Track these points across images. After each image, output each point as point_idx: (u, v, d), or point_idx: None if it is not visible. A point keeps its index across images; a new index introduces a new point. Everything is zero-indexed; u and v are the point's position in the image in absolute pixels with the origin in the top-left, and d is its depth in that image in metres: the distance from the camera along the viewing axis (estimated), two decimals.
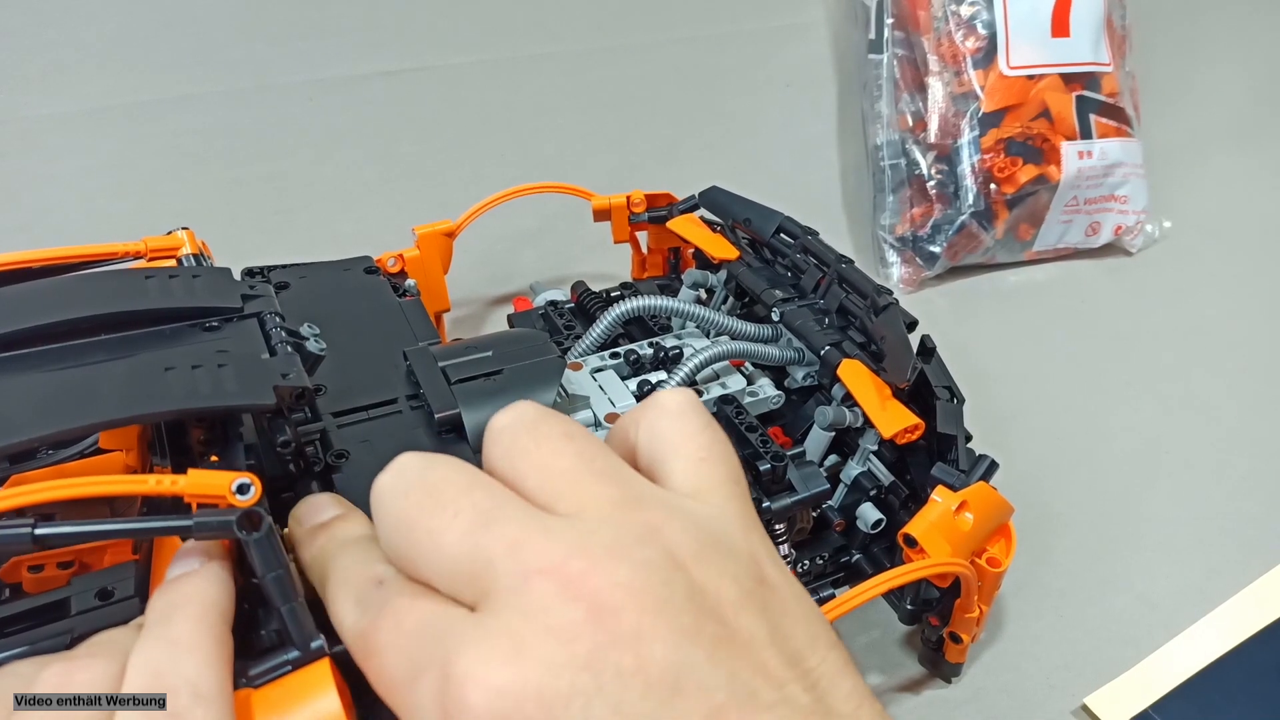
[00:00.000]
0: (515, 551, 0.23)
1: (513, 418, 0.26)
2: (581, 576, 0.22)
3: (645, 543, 0.23)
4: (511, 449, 0.26)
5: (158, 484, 0.25)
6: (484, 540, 0.23)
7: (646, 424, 0.28)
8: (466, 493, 0.24)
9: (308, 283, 0.47)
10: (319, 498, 0.30)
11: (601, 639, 0.21)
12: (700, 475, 0.27)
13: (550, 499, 0.25)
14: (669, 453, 0.27)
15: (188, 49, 0.83)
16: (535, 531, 0.23)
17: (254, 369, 0.31)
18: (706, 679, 0.22)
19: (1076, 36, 0.74)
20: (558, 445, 0.26)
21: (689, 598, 0.23)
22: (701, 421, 0.28)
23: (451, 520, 0.23)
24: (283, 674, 0.25)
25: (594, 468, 0.25)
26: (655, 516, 0.24)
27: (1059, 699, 0.46)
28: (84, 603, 0.30)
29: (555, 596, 0.22)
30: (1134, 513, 0.56)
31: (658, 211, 0.59)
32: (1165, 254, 0.79)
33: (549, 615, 0.22)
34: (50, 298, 0.33)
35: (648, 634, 0.22)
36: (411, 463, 0.25)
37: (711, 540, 0.24)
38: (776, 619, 0.24)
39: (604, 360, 0.47)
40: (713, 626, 0.22)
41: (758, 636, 0.23)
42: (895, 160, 0.75)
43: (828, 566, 0.45)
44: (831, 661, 0.24)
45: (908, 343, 0.43)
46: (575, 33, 0.93)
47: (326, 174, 0.78)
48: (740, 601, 0.23)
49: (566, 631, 0.21)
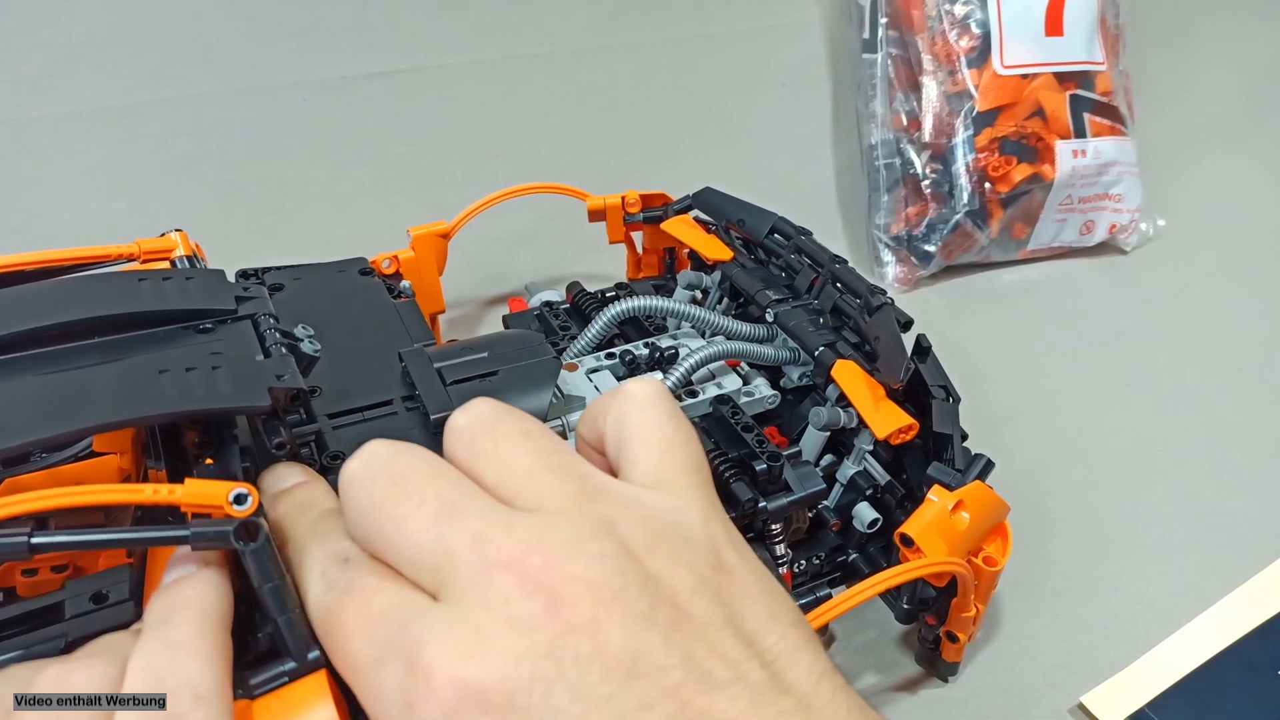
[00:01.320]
0: (478, 545, 0.23)
1: (470, 417, 0.27)
2: (540, 570, 0.23)
3: (600, 536, 0.24)
4: (471, 448, 0.27)
5: (154, 494, 0.25)
6: (447, 531, 0.24)
7: (614, 413, 0.29)
8: (431, 482, 0.25)
9: (302, 284, 0.47)
10: (283, 466, 0.31)
11: (560, 628, 0.22)
12: (663, 465, 0.28)
13: (510, 494, 0.25)
14: (633, 442, 0.28)
15: (181, 50, 0.83)
16: (497, 525, 0.24)
17: (248, 371, 0.31)
18: (662, 661, 0.22)
19: (1070, 35, 0.74)
20: (516, 443, 0.26)
21: (643, 586, 0.23)
22: (666, 412, 0.29)
23: (416, 509, 0.24)
24: (280, 685, 0.25)
25: (551, 464, 0.26)
26: (611, 510, 0.25)
27: (1056, 698, 0.46)
28: (78, 606, 0.29)
29: (516, 589, 0.23)
30: (1130, 511, 0.56)
31: (653, 212, 0.59)
32: (1160, 252, 0.79)
33: (510, 607, 0.22)
34: (43, 301, 0.33)
35: (604, 622, 0.22)
36: (379, 450, 0.26)
37: (667, 530, 0.25)
38: (734, 602, 0.25)
39: (600, 361, 0.47)
40: (667, 612, 0.23)
41: (713, 620, 0.24)
42: (890, 159, 0.75)
43: (824, 566, 0.45)
44: (791, 639, 0.25)
45: (901, 343, 0.43)
46: (570, 33, 0.93)
47: (321, 175, 0.78)
48: (695, 587, 0.24)
49: (527, 622, 0.22)
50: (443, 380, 0.38)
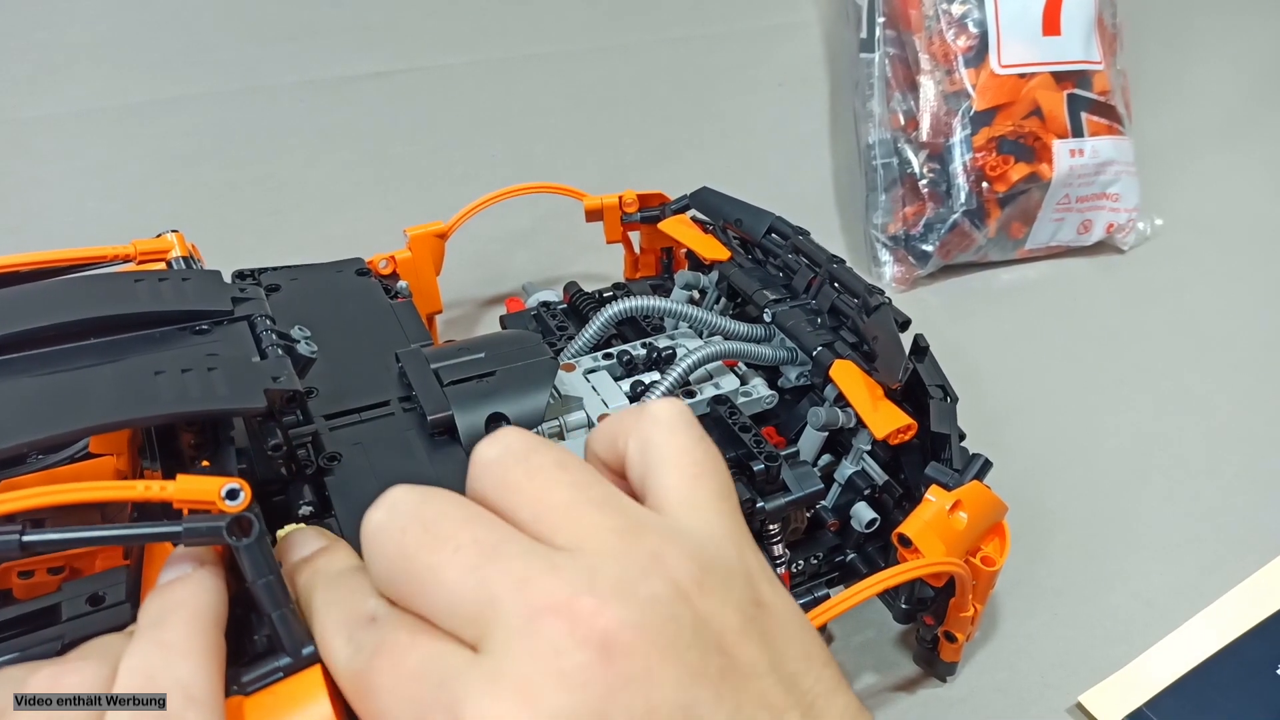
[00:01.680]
0: (522, 589, 0.22)
1: (501, 449, 0.26)
2: (591, 616, 0.22)
3: (650, 575, 0.23)
4: (504, 482, 0.25)
5: (146, 489, 0.25)
6: (488, 575, 0.22)
7: (638, 435, 0.27)
8: (466, 527, 0.24)
9: (299, 285, 0.47)
10: (302, 531, 0.29)
11: (612, 682, 0.21)
12: (695, 492, 0.26)
13: (548, 532, 0.24)
14: (662, 467, 0.27)
15: (177, 50, 0.83)
16: (541, 568, 0.22)
17: (245, 372, 0.31)
18: (712, 716, 0.22)
19: (1067, 35, 0.74)
20: (551, 476, 0.25)
21: (695, 632, 0.22)
22: (695, 435, 0.27)
23: (453, 555, 0.23)
24: (274, 681, 0.25)
25: (590, 497, 0.25)
26: (657, 544, 0.24)
27: (1054, 697, 0.46)
28: (75, 608, 0.29)
29: (565, 637, 0.21)
30: (1127, 510, 0.56)
31: (650, 212, 0.59)
32: (1157, 251, 0.79)
33: (559, 658, 0.21)
34: (39, 302, 0.33)
35: (657, 675, 0.21)
36: (405, 496, 0.25)
37: (711, 565, 0.24)
38: (774, 643, 0.24)
39: (597, 361, 0.47)
40: (717, 660, 0.22)
41: (759, 665, 0.23)
42: (887, 159, 0.75)
43: (822, 566, 0.45)
44: (826, 680, 0.24)
45: (899, 343, 0.43)
46: (567, 33, 0.93)
47: (317, 175, 0.77)
48: (742, 629, 0.23)
49: (577, 675, 0.21)
50: (439, 381, 0.38)
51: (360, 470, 0.35)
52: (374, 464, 0.35)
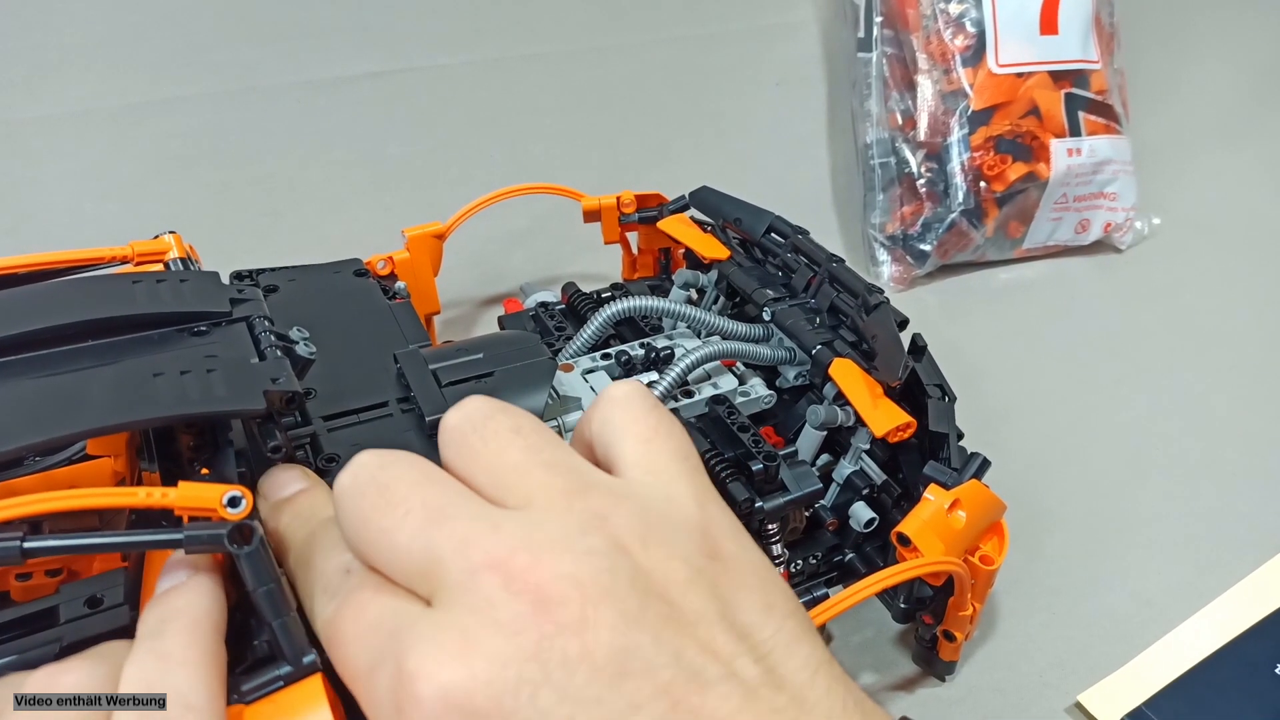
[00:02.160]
0: (463, 548, 0.23)
1: (461, 416, 0.27)
2: (526, 570, 0.23)
3: (590, 531, 0.24)
4: (462, 447, 0.26)
5: (148, 496, 0.25)
6: (434, 537, 0.24)
7: (598, 416, 0.29)
8: (417, 490, 0.25)
9: (297, 286, 0.47)
10: (284, 471, 0.30)
11: (547, 629, 0.22)
12: (650, 453, 0.27)
13: (500, 493, 0.25)
14: (618, 436, 0.28)
15: (173, 51, 0.83)
16: (483, 527, 0.24)
17: (243, 374, 0.31)
18: (652, 659, 0.22)
19: (1065, 34, 0.74)
20: (505, 440, 0.26)
21: (633, 582, 0.23)
22: (647, 404, 0.29)
23: (403, 518, 0.24)
24: (275, 689, 0.25)
25: (541, 459, 0.26)
26: (602, 503, 0.25)
27: (1053, 696, 0.46)
28: (73, 611, 0.29)
29: (501, 590, 0.22)
30: (1125, 509, 0.56)
31: (648, 212, 0.59)
32: (1155, 250, 0.79)
33: (495, 609, 0.22)
34: (36, 303, 0.33)
35: (592, 621, 0.22)
36: (367, 461, 0.26)
37: (659, 521, 0.25)
38: (728, 593, 0.24)
39: (595, 361, 0.47)
40: (658, 607, 0.23)
41: (706, 614, 0.23)
42: (885, 159, 0.75)
43: (821, 566, 0.45)
44: (788, 630, 0.25)
45: (899, 341, 0.43)
46: (564, 33, 0.93)
47: (315, 176, 0.77)
48: (689, 580, 0.24)
49: (512, 624, 0.22)
50: (438, 382, 0.38)
51: None
52: None
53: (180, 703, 0.23)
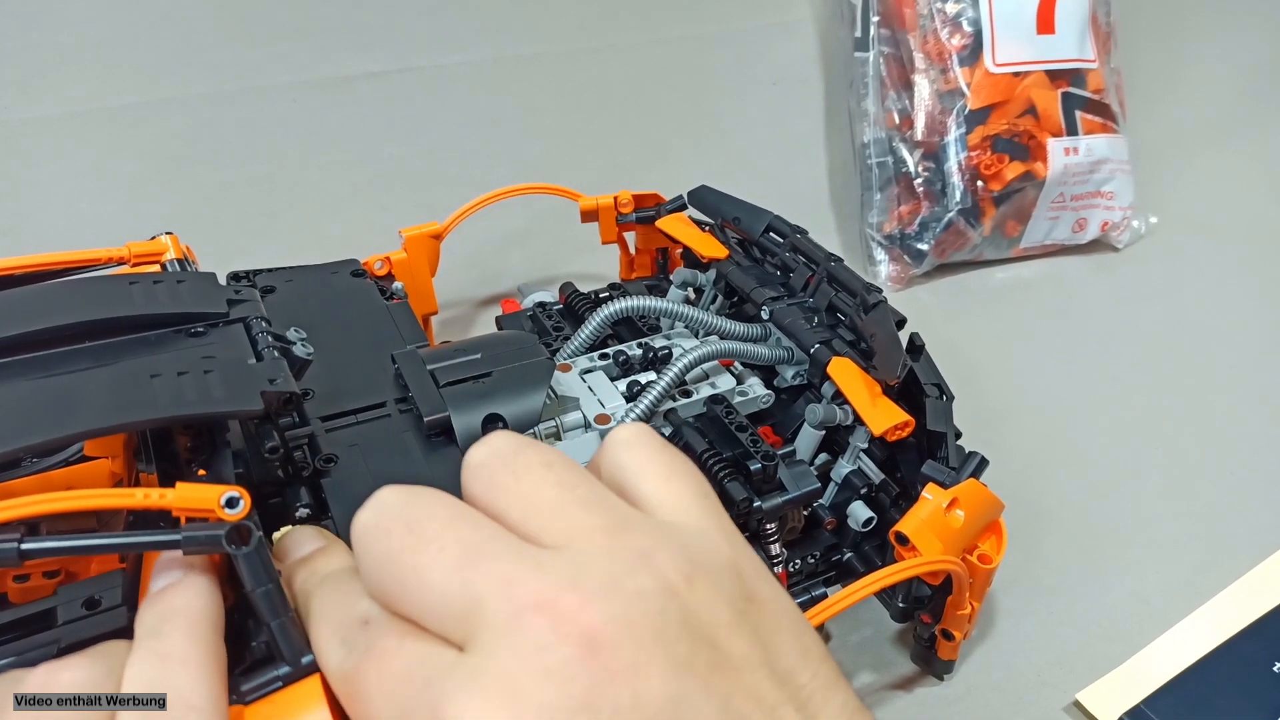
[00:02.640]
0: (506, 588, 0.22)
1: (489, 451, 0.26)
2: (575, 612, 0.21)
3: (637, 572, 0.23)
4: (491, 484, 0.25)
5: (145, 497, 0.25)
6: (472, 576, 0.22)
7: (607, 461, 0.28)
8: (450, 527, 0.23)
9: (294, 286, 0.47)
10: (300, 531, 0.29)
11: (598, 676, 0.21)
12: (672, 492, 0.26)
13: (536, 531, 0.24)
14: (635, 478, 0.27)
15: (170, 51, 0.83)
16: (525, 566, 0.22)
17: (241, 375, 0.31)
18: (702, 710, 0.21)
19: (1062, 33, 0.74)
20: (538, 476, 0.25)
21: (683, 626, 0.22)
22: (658, 444, 0.28)
23: (437, 556, 0.23)
24: (273, 690, 0.25)
25: (577, 495, 0.25)
26: (644, 541, 0.24)
27: (1051, 695, 0.46)
28: (71, 612, 0.29)
29: (549, 634, 0.21)
30: (1123, 508, 0.56)
31: (645, 212, 0.59)
32: (1152, 249, 0.79)
33: (543, 655, 0.21)
34: (33, 305, 0.33)
35: (644, 668, 0.21)
36: (392, 497, 0.25)
37: (700, 560, 0.24)
38: (768, 637, 0.24)
39: (593, 361, 0.47)
40: (707, 653, 0.22)
41: (750, 659, 0.23)
42: (882, 158, 0.75)
43: (819, 565, 0.45)
44: (823, 676, 0.24)
45: (898, 340, 0.43)
46: (562, 33, 0.93)
47: (312, 176, 0.77)
48: (733, 623, 0.23)
49: (562, 671, 0.21)
50: (436, 382, 0.38)
51: (357, 472, 0.35)
52: (371, 466, 0.35)
53: (182, 703, 0.23)
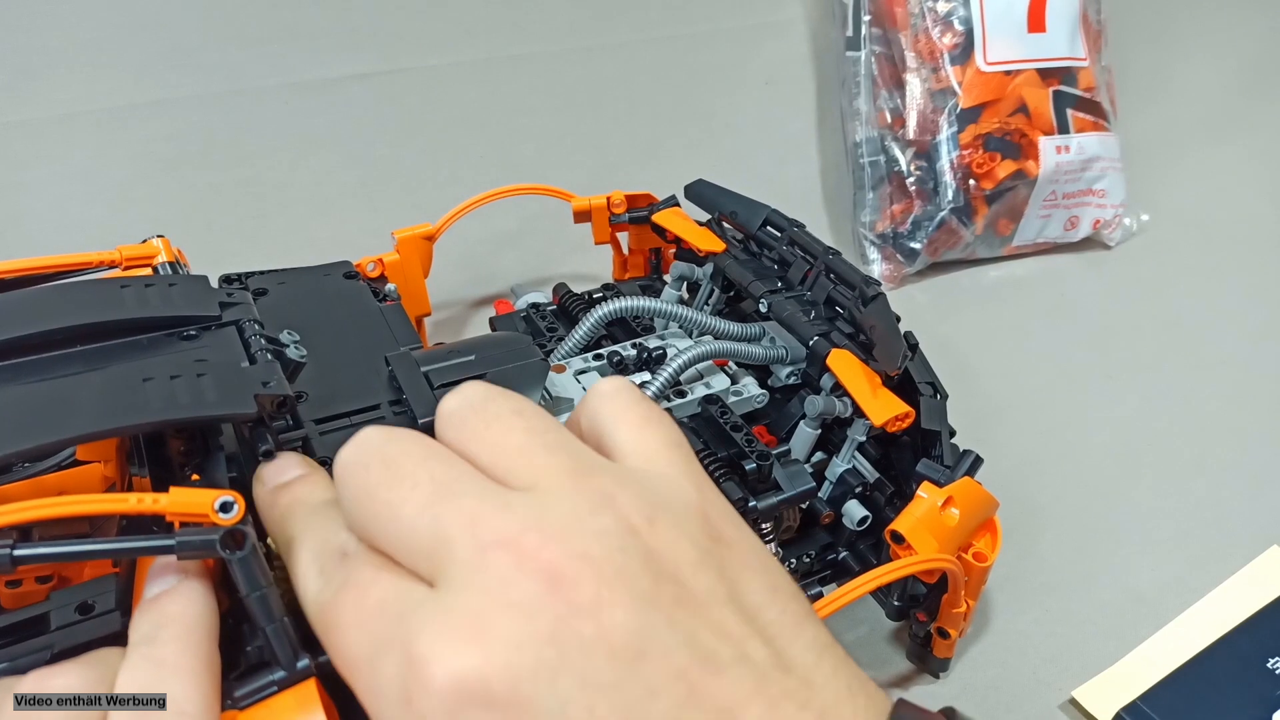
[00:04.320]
0: (472, 525, 0.23)
1: (460, 400, 0.27)
2: (538, 549, 0.22)
3: (600, 511, 0.23)
4: (463, 429, 0.26)
5: (139, 503, 0.24)
6: (441, 513, 0.23)
7: (586, 412, 0.29)
8: (424, 464, 0.24)
9: (286, 289, 0.46)
10: (283, 457, 0.30)
11: (562, 610, 0.21)
12: (644, 439, 0.27)
13: (504, 474, 0.25)
14: (610, 426, 0.28)
15: (160, 53, 0.82)
16: (492, 505, 0.23)
17: (234, 378, 0.31)
18: (667, 642, 0.22)
19: (1053, 31, 0.74)
20: (507, 422, 0.26)
21: (646, 562, 0.23)
22: (634, 396, 0.29)
23: (410, 492, 0.24)
24: (269, 695, 0.25)
25: (545, 441, 0.26)
26: (608, 483, 0.24)
27: (1047, 693, 0.46)
28: (64, 617, 0.29)
29: (513, 570, 0.22)
30: (1117, 505, 0.56)
31: (638, 212, 0.59)
32: (1144, 247, 0.80)
33: (509, 590, 0.22)
34: (24, 309, 0.32)
35: (607, 602, 0.22)
36: (372, 436, 0.25)
37: (665, 502, 0.25)
38: (735, 575, 0.24)
39: (587, 362, 0.47)
40: (671, 588, 0.23)
41: (716, 595, 0.23)
42: (874, 157, 0.75)
43: (815, 564, 0.45)
44: (791, 612, 0.24)
45: (898, 331, 0.43)
46: (553, 33, 0.92)
47: (303, 178, 0.77)
48: (697, 561, 0.24)
49: (527, 606, 0.21)
50: (430, 384, 0.38)
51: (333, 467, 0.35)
52: None
53: (175, 710, 0.23)
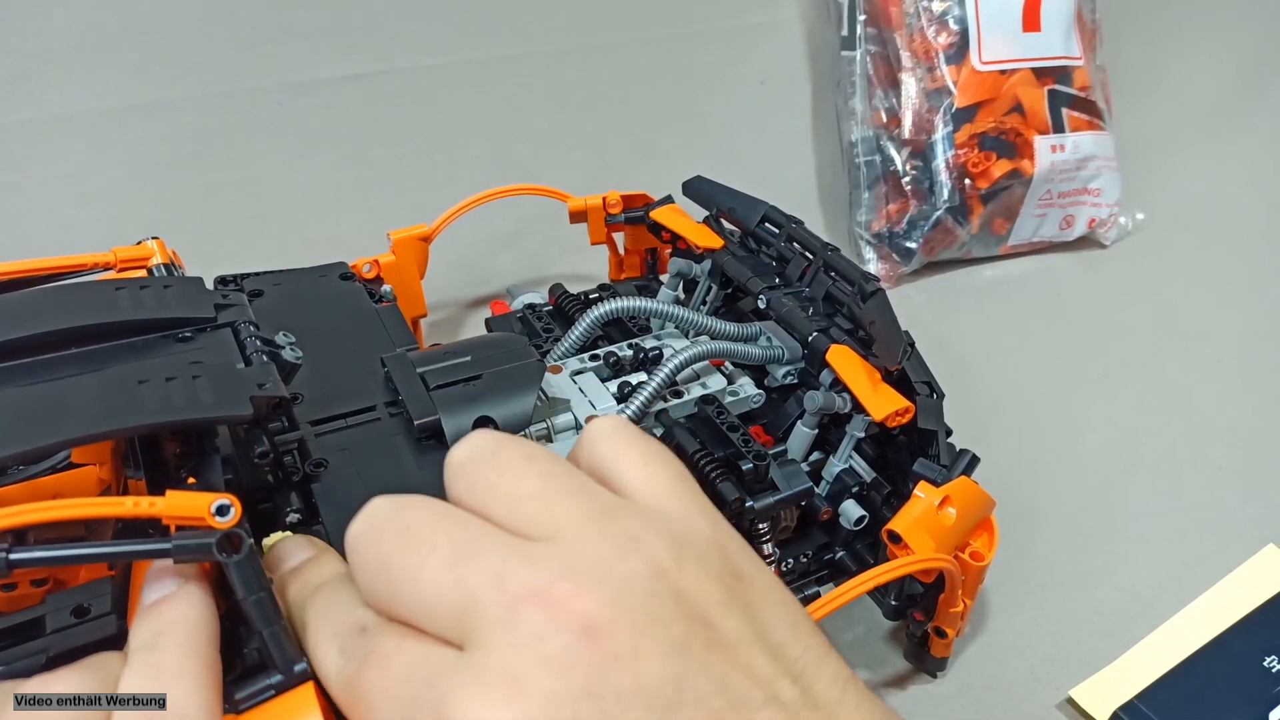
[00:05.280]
0: (499, 581, 0.22)
1: (470, 450, 0.26)
2: (569, 600, 0.22)
3: (627, 556, 0.23)
4: (475, 481, 0.26)
5: (135, 506, 0.24)
6: (464, 573, 0.23)
7: (585, 453, 0.28)
8: (440, 527, 0.24)
9: (282, 290, 0.46)
10: (291, 541, 0.29)
11: (598, 662, 0.21)
12: (651, 477, 0.27)
13: (523, 525, 0.24)
14: (613, 467, 0.27)
15: (154, 54, 0.82)
16: (516, 559, 0.23)
17: (229, 380, 0.31)
18: (702, 689, 0.22)
19: (1047, 31, 0.74)
20: (520, 469, 0.25)
21: (677, 606, 0.22)
22: (632, 433, 0.28)
23: (428, 557, 0.23)
24: (266, 698, 0.25)
25: (561, 485, 0.25)
26: (631, 525, 0.24)
27: (1044, 692, 0.46)
28: (59, 620, 0.29)
29: (546, 623, 0.21)
30: (1113, 504, 0.56)
31: (634, 212, 0.59)
32: (1139, 246, 0.80)
33: (542, 644, 0.21)
34: (19, 311, 0.32)
35: (643, 651, 0.21)
36: (382, 505, 0.25)
37: (686, 541, 0.24)
38: (758, 613, 0.24)
39: (584, 363, 0.47)
40: (702, 633, 0.22)
41: (744, 636, 0.23)
42: (870, 157, 0.75)
43: (811, 565, 0.45)
44: (813, 649, 0.24)
45: (898, 325, 0.43)
46: (548, 33, 0.92)
47: (299, 179, 0.77)
48: (724, 601, 0.24)
49: (562, 659, 0.21)
50: (426, 385, 0.38)
51: (347, 476, 0.35)
52: (361, 470, 0.35)
53: (178, 715, 0.23)
